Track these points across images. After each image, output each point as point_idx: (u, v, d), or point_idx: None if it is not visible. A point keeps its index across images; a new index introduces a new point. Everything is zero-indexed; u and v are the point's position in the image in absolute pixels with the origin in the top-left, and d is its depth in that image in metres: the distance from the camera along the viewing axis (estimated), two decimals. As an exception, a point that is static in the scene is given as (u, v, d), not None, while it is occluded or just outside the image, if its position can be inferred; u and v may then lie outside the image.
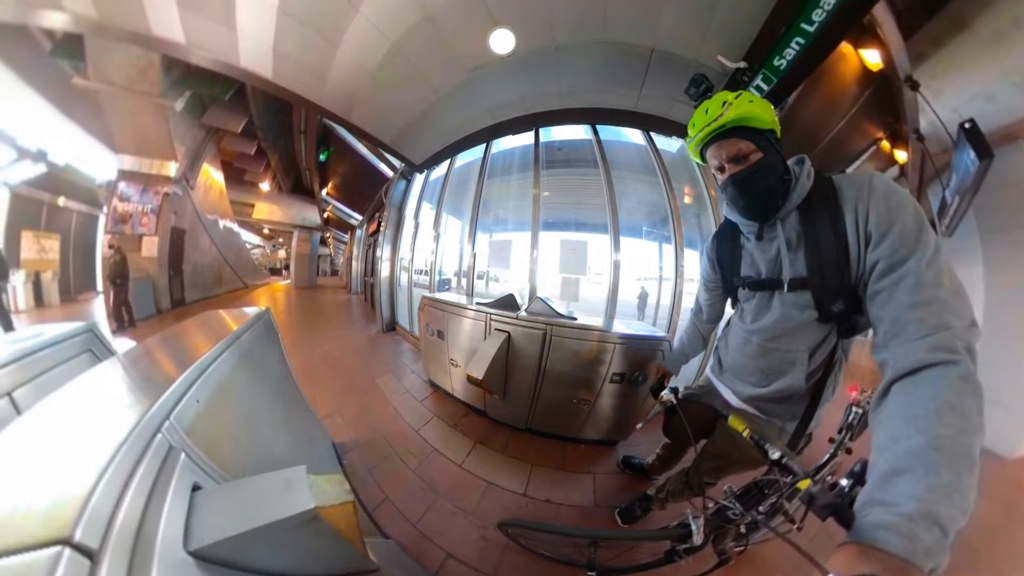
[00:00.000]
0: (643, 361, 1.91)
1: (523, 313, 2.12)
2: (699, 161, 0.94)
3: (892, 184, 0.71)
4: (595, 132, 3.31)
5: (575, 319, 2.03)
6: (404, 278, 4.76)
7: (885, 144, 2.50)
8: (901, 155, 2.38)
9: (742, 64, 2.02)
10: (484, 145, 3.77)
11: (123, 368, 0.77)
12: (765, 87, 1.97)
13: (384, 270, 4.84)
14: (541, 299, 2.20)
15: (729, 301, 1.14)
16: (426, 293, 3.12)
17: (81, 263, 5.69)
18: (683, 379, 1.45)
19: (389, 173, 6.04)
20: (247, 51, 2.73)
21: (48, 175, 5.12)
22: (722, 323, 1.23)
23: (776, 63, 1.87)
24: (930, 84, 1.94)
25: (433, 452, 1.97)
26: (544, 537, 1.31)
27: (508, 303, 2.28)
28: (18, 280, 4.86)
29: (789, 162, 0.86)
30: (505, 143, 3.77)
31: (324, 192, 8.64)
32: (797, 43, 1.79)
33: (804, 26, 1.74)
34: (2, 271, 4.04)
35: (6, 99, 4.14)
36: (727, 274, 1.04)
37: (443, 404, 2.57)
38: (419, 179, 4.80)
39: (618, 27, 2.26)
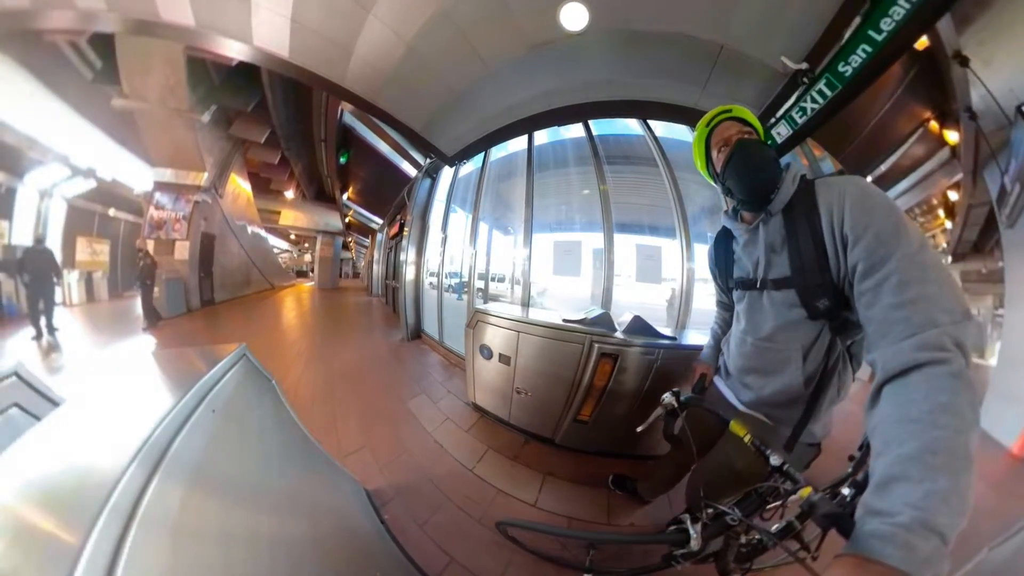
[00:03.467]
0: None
1: (619, 335, 1.89)
2: (703, 170, 1.06)
3: (868, 187, 0.73)
4: (647, 127, 3.10)
5: (675, 338, 1.91)
6: (427, 282, 4.45)
7: (933, 125, 2.26)
8: (952, 135, 2.14)
9: (804, 65, 1.98)
10: (526, 137, 3.40)
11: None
12: (829, 92, 1.91)
13: (409, 273, 4.46)
14: (638, 316, 2.03)
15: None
16: (480, 306, 2.68)
17: (128, 265, 6.24)
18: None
19: (412, 172, 5.73)
20: (262, 25, 2.36)
21: (98, 189, 5.68)
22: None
23: (841, 69, 1.82)
24: (979, 51, 1.72)
25: (498, 494, 1.67)
26: (542, 537, 1.29)
27: (602, 322, 1.97)
28: (72, 278, 5.47)
29: None
30: (538, 136, 3.45)
31: (345, 197, 8.88)
32: (864, 51, 1.72)
33: (872, 33, 1.66)
34: (56, 271, 4.62)
35: (58, 125, 4.63)
36: (724, 278, 1.09)
37: (494, 432, 2.20)
38: (445, 178, 4.43)
39: (693, 20, 2.11)
